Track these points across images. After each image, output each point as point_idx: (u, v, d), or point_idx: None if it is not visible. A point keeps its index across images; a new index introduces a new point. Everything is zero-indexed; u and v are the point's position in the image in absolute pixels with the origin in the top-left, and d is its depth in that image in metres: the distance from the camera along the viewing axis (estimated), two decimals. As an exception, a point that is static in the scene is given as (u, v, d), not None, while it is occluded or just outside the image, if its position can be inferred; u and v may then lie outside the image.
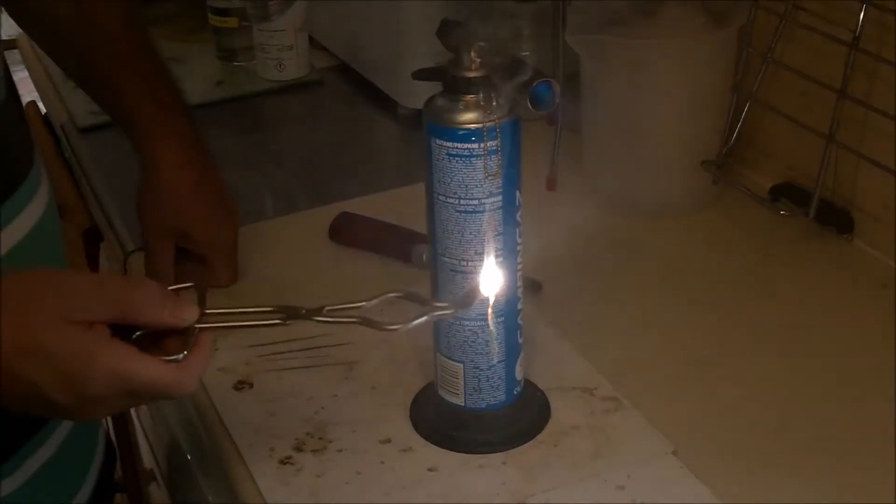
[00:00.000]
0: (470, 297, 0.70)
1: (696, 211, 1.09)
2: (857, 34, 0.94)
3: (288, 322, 0.68)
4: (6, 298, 0.62)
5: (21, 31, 0.97)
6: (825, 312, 0.94)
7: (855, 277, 0.98)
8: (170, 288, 0.67)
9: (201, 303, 0.69)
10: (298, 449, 0.81)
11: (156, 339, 0.66)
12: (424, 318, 0.68)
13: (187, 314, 0.66)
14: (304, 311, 0.68)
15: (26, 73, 1.50)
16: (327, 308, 0.68)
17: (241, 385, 0.88)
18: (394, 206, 1.10)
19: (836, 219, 1.02)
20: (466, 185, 0.74)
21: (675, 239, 1.06)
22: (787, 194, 1.06)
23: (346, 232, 1.06)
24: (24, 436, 0.77)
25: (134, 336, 0.65)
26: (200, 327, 0.67)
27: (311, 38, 1.43)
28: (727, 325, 0.93)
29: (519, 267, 0.78)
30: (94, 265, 1.26)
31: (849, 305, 0.95)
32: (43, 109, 1.44)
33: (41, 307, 0.62)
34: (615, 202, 1.10)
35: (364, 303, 0.69)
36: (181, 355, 0.65)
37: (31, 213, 0.78)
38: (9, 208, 0.74)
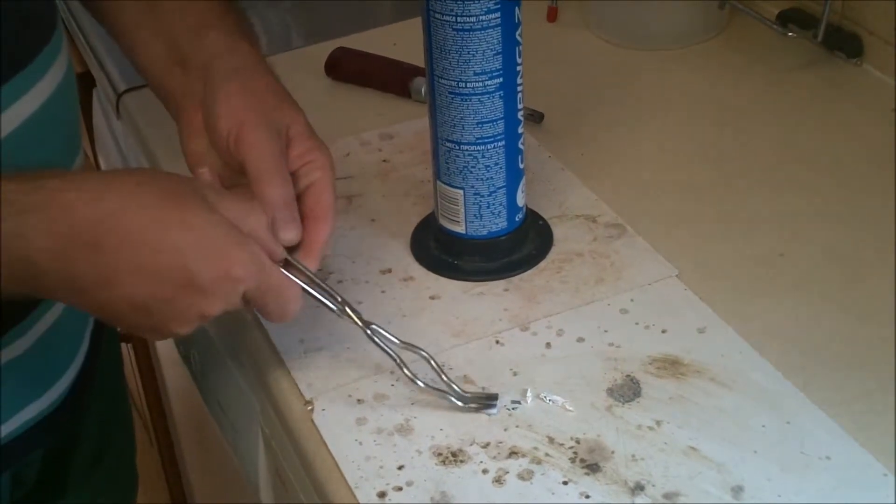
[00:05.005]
0: (489, 398, 0.70)
1: (703, 38, 1.06)
2: None
3: (339, 314, 0.70)
4: (149, 184, 0.64)
5: None
6: (834, 137, 0.92)
7: (864, 102, 0.96)
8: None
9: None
10: (299, 280, 0.80)
11: None
12: (437, 391, 0.70)
13: (294, 234, 0.68)
14: (359, 320, 0.70)
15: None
16: (373, 326, 0.70)
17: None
18: (391, 41, 1.07)
19: (845, 43, 0.99)
20: (463, 1, 0.71)
21: (681, 67, 1.03)
22: (796, 20, 1.03)
23: (342, 67, 1.04)
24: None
25: None
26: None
27: None
28: (733, 152, 0.91)
29: (520, 88, 0.76)
30: (87, 111, 1.24)
31: (858, 130, 0.93)
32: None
33: (189, 196, 0.64)
34: (619, 32, 1.07)
35: (402, 344, 0.71)
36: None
37: (51, 79, 0.73)
38: (29, 75, 0.70)
